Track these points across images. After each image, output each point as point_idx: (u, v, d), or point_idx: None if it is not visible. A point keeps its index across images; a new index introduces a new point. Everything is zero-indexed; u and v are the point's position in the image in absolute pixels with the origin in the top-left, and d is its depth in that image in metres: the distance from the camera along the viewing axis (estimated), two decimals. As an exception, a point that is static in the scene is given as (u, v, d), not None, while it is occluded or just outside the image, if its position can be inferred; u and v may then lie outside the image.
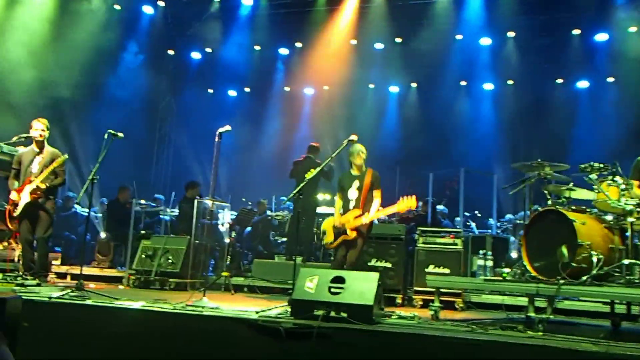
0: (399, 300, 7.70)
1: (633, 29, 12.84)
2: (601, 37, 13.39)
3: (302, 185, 6.36)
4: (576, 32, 13.42)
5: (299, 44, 15.46)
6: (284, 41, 15.59)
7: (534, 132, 13.36)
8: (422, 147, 13.98)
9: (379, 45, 15.00)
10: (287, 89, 16.39)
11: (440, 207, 11.44)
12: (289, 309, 5.23)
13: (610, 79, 13.67)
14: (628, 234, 5.51)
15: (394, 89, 15.98)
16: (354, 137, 6.81)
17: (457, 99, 14.89)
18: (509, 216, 11.05)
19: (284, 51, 15.94)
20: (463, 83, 15.06)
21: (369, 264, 7.89)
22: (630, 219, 5.43)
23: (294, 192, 6.29)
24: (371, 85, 15.92)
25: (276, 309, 5.62)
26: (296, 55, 15.63)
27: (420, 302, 7.61)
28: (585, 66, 13.69)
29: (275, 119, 16.22)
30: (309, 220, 9.59)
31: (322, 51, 14.80)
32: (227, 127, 6.51)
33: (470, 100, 14.94)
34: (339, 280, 5.19)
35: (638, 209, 5.44)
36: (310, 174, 6.44)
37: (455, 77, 14.62)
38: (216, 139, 6.41)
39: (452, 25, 13.62)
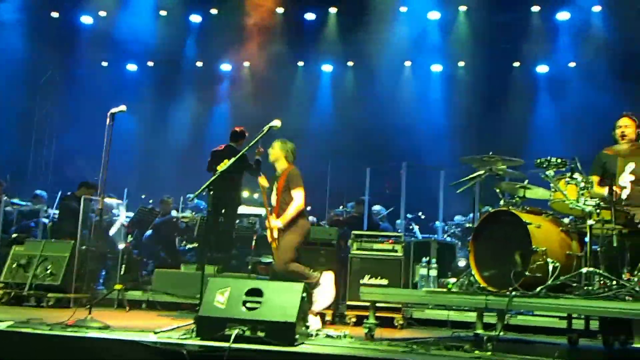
0: (328, 317, 7.73)
1: (597, 8, 13.40)
2: (562, 15, 13.92)
3: (213, 178, 6.27)
4: (535, 9, 13.88)
5: (214, 11, 15.29)
6: (196, 6, 15.38)
7: (488, 122, 13.72)
8: (358, 137, 14.12)
9: (310, 16, 15.03)
10: (199, 64, 16.16)
11: (377, 207, 11.57)
12: (195, 328, 5.14)
13: (572, 64, 14.21)
14: (587, 238, 5.73)
15: (327, 68, 16.06)
16: (276, 123, 6.75)
17: (401, 82, 15.13)
18: (458, 218, 11.31)
19: (195, 18, 15.71)
20: (407, 63, 15.30)
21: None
22: (589, 222, 5.64)
23: (203, 187, 6.19)
24: (300, 63, 15.93)
25: (180, 328, 5.51)
26: (211, 24, 15.44)
27: (354, 319, 7.67)
28: (545, 48, 14.18)
29: (186, 100, 16.00)
30: (228, 221, 9.51)
31: (243, 20, 14.69)
32: (122, 107, 6.34)
33: (416, 83, 15.20)
34: (256, 292, 5.15)
35: (598, 211, 5.66)
36: (223, 166, 6.34)
37: (399, 56, 14.82)
38: (108, 121, 6.23)
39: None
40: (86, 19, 15.61)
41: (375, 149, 13.69)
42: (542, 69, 14.79)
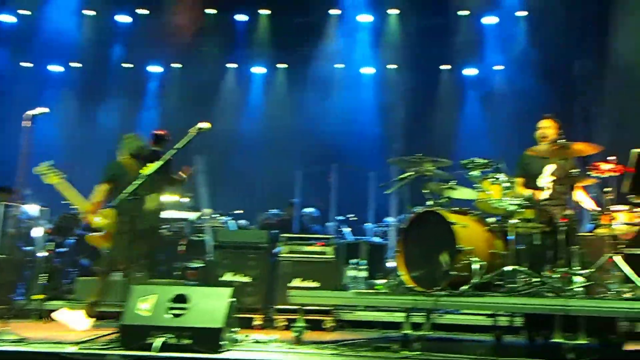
0: (258, 322, 7.67)
1: (522, 13, 13.77)
2: (489, 20, 14.25)
3: (137, 182, 6.11)
4: (463, 13, 14.16)
5: (142, 11, 15.02)
6: (123, 7, 15.08)
7: (418, 124, 13.91)
8: (290, 140, 14.10)
9: (242, 17, 14.94)
10: (127, 65, 15.84)
11: (308, 209, 11.56)
12: (119, 338, 5.02)
13: (499, 67, 14.56)
14: (511, 237, 5.87)
15: (259, 70, 15.98)
16: (204, 125, 6.63)
17: (333, 84, 15.14)
18: (388, 219, 11.40)
19: (123, 19, 15.39)
20: (340, 65, 15.37)
21: (222, 278, 7.78)
22: (512, 221, 5.78)
23: (125, 192, 6.03)
24: (232, 65, 15.80)
25: (102, 338, 5.37)
26: (140, 24, 15.16)
27: (284, 323, 7.59)
28: (473, 51, 14.48)
29: (113, 102, 15.62)
30: (150, 226, 9.29)
31: (173, 21, 14.49)
32: (42, 109, 6.15)
33: (348, 86, 15.26)
34: (182, 299, 5.07)
35: (521, 210, 5.80)
36: (146, 170, 6.20)
37: (331, 58, 14.87)
38: (26, 123, 6.03)
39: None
40: (7, 18, 15.05)
41: (306, 151, 13.68)
42: (470, 71, 15.09)
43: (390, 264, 9.10)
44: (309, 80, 14.94)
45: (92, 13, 15.04)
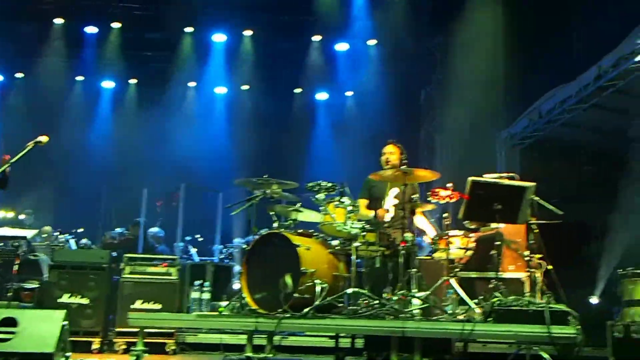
0: (96, 345, 7.34)
1: (372, 42, 14.29)
2: (342, 46, 14.65)
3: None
4: (316, 38, 14.47)
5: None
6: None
7: (269, 146, 14.00)
8: (137, 157, 13.67)
9: (92, 29, 14.37)
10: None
11: (154, 229, 11.27)
12: None
13: (349, 93, 14.98)
14: (353, 260, 5.99)
15: (109, 85, 15.43)
16: (42, 139, 6.30)
17: (184, 103, 14.94)
18: (237, 241, 11.33)
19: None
20: (192, 84, 15.17)
21: (59, 300, 7.38)
22: (355, 244, 5.90)
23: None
24: (80, 78, 15.14)
25: None
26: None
27: (124, 346, 7.36)
28: (325, 76, 14.80)
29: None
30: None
31: (18, 29, 13.68)
32: None
33: (199, 105, 15.11)
34: (9, 322, 4.75)
35: (364, 233, 5.94)
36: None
37: (183, 76, 14.64)
38: None
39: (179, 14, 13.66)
40: None
41: (153, 169, 13.32)
42: (321, 96, 15.42)
43: (235, 285, 9.05)
44: (160, 97, 14.60)
45: None
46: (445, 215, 6.35)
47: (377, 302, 5.66)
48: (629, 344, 5.20)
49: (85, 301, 7.49)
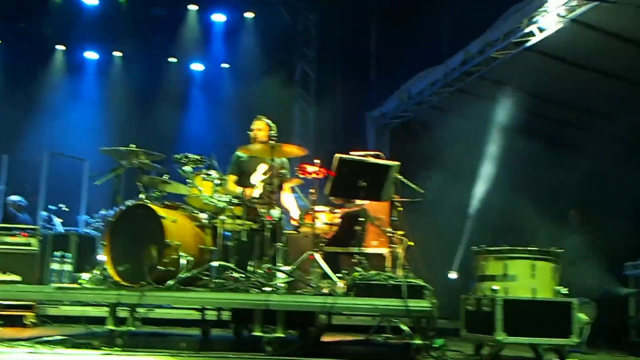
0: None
1: (250, 14, 14.20)
2: (218, 17, 14.47)
3: None
4: (193, 7, 14.18)
5: None
6: None
7: (141, 115, 13.59)
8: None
9: None
10: None
11: (14, 197, 10.70)
12: None
13: (225, 65, 14.84)
14: (220, 233, 6.00)
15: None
16: None
17: (49, 66, 14.18)
18: (103, 212, 11.00)
19: None
20: (61, 47, 14.45)
21: None
22: (221, 217, 5.91)
23: None
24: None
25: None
26: None
27: (-20, 321, 7.01)
28: (201, 47, 14.56)
29: None
30: None
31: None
32: None
33: (68, 70, 14.40)
34: None
35: (231, 207, 5.95)
36: None
37: (49, 39, 13.91)
38: None
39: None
40: None
41: (15, 136, 12.60)
42: (197, 67, 15.16)
43: (100, 257, 8.81)
44: (27, 60, 13.80)
45: None
46: (311, 190, 6.46)
47: (243, 275, 5.69)
48: (480, 316, 5.51)
49: (-64, 273, 7.08)
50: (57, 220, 10.86)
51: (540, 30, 8.20)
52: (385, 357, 6.27)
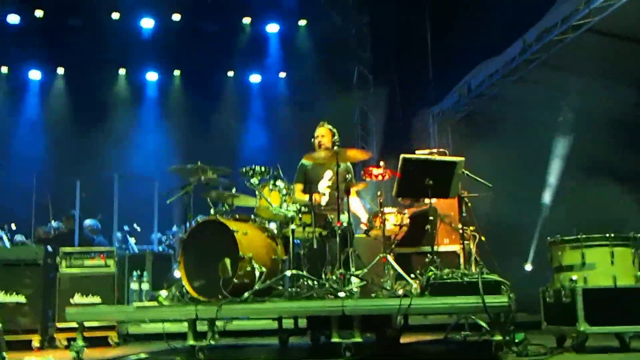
0: (36, 343, 7.19)
1: (302, 22, 14.28)
2: (272, 27, 14.61)
3: None
4: (246, 20, 14.37)
5: None
6: None
7: (204, 131, 13.82)
8: (67, 148, 13.30)
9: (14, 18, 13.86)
10: None
11: (89, 221, 11.04)
12: None
13: (282, 74, 14.95)
14: (291, 242, 6.03)
15: (35, 75, 14.91)
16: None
17: (111, 89, 14.56)
18: (175, 229, 11.24)
19: None
20: (122, 71, 14.85)
21: (-7, 300, 7.21)
22: (292, 227, 5.94)
23: None
24: (4, 69, 14.58)
25: None
26: None
27: (65, 342, 7.23)
28: (256, 58, 14.73)
29: None
30: None
31: None
32: None
33: (130, 91, 14.78)
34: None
35: (300, 216, 5.98)
36: None
37: (110, 62, 14.30)
38: None
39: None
40: None
41: (85, 160, 12.98)
42: (255, 78, 15.34)
43: (176, 274, 8.99)
44: (90, 84, 14.15)
45: None
46: (378, 193, 6.44)
47: (316, 282, 5.71)
48: (560, 308, 5.40)
49: (21, 299, 7.31)
50: (131, 240, 11.15)
51: (598, 10, 7.97)
52: (466, 356, 6.18)
